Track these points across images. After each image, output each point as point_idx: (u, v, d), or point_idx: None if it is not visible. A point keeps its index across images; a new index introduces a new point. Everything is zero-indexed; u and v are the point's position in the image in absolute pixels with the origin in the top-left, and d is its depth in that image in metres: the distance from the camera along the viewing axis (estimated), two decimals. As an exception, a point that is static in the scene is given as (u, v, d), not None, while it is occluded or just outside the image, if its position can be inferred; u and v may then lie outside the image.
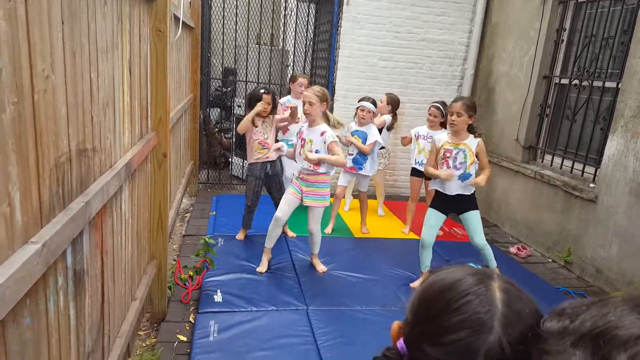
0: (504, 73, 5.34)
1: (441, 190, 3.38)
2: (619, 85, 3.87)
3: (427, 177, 4.49)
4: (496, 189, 5.38)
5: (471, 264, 0.76)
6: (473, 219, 3.38)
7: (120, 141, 1.95)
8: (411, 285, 3.62)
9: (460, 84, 5.93)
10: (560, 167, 4.55)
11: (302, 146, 3.45)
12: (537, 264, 4.37)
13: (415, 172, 4.56)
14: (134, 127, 2.19)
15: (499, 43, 5.45)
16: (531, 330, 0.62)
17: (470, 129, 3.34)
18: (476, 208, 3.40)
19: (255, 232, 4.29)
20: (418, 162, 4.45)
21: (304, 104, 3.43)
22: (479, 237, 3.39)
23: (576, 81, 4.47)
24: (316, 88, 3.42)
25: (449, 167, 3.30)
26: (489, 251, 3.46)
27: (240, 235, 4.21)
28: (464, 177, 3.30)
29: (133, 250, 2.32)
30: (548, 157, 4.79)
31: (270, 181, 4.11)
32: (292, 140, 4.16)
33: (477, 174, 3.35)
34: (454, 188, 3.32)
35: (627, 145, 3.70)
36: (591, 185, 4.09)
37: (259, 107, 3.83)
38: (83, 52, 1.44)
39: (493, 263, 3.52)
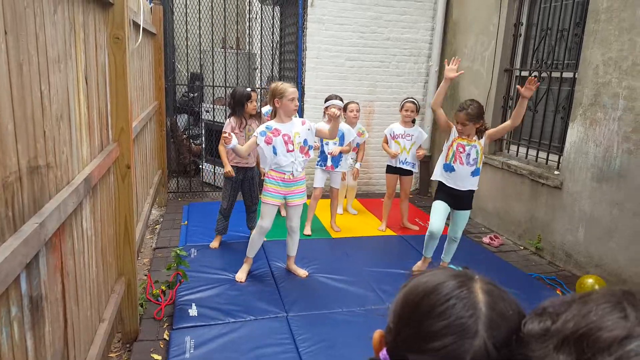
0: (466, 68, 5.42)
1: (453, 187, 3.45)
2: (576, 75, 3.99)
3: (403, 173, 4.53)
4: (466, 182, 5.46)
5: (451, 266, 0.74)
6: (466, 216, 3.57)
7: (78, 155, 1.86)
8: (413, 268, 3.75)
9: (425, 81, 6.01)
10: (526, 157, 4.65)
11: (287, 142, 3.29)
12: (509, 252, 4.45)
13: (390, 170, 4.60)
14: (93, 139, 2.10)
15: (460, 39, 5.54)
16: (516, 332, 0.60)
17: (479, 131, 3.39)
18: (471, 207, 3.60)
19: (228, 239, 4.21)
20: (402, 161, 4.47)
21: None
22: (460, 233, 3.62)
23: (535, 73, 4.58)
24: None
25: (462, 164, 3.39)
26: (455, 245, 3.68)
27: (214, 244, 4.12)
28: (476, 172, 3.43)
29: (98, 270, 2.22)
30: (513, 148, 4.90)
31: (244, 185, 4.06)
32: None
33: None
34: (467, 184, 3.44)
35: (587, 132, 3.81)
36: (556, 172, 4.19)
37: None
38: (31, 64, 1.36)
39: (448, 257, 3.73)
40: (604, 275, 3.64)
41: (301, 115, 5.41)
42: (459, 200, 3.49)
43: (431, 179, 3.71)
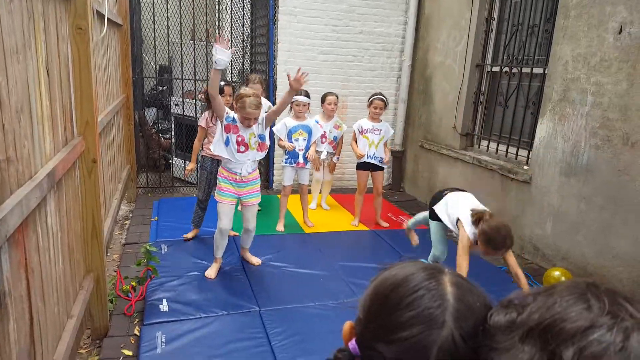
0: (439, 63, 5.49)
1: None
2: (546, 71, 4.08)
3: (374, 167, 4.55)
4: (437, 175, 5.54)
5: (422, 260, 0.74)
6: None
7: (40, 149, 1.79)
8: None
9: (398, 76, 6.04)
10: (496, 152, 4.74)
11: (240, 144, 3.27)
12: (480, 246, 4.53)
13: (361, 166, 4.61)
14: (57, 132, 2.03)
15: (433, 34, 5.59)
16: (483, 323, 0.61)
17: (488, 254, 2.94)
18: None
19: (201, 234, 4.15)
20: (370, 155, 4.49)
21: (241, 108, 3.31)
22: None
23: (506, 68, 4.66)
24: None
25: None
26: None
27: (189, 235, 4.08)
28: None
29: (65, 266, 2.15)
30: (484, 143, 4.98)
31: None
32: None
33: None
34: None
35: (556, 127, 3.90)
36: (525, 167, 4.29)
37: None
38: (-13, 54, 1.30)
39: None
40: (571, 268, 3.75)
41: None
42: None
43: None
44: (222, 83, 3.88)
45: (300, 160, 4.37)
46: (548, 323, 0.52)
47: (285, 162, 4.43)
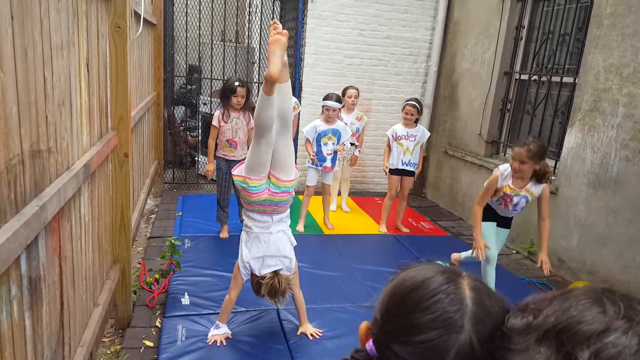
0: (466, 70, 5.45)
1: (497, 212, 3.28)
2: (576, 81, 4.01)
3: (404, 173, 4.52)
4: (460, 183, 5.49)
5: (439, 262, 0.75)
6: (506, 235, 3.39)
7: (78, 141, 1.87)
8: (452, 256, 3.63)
9: (424, 81, 6.02)
10: (522, 161, 4.67)
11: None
12: (501, 255, 4.45)
13: (394, 171, 4.52)
14: (93, 126, 2.11)
15: (460, 40, 5.56)
16: (500, 327, 0.62)
17: (538, 175, 3.03)
18: (510, 227, 3.40)
19: (219, 233, 4.22)
20: (405, 162, 4.45)
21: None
22: (497, 251, 3.33)
23: (535, 77, 4.60)
24: None
25: (507, 209, 3.18)
26: (491, 270, 3.26)
27: (222, 234, 4.17)
28: (519, 211, 3.24)
29: (94, 255, 2.23)
30: (510, 151, 4.92)
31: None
32: None
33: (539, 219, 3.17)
34: (509, 213, 3.26)
35: (585, 138, 3.84)
36: (552, 177, 4.22)
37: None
38: (36, 49, 1.37)
39: (491, 283, 3.27)
40: (596, 282, 3.67)
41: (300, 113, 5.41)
42: (504, 220, 3.35)
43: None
44: (237, 83, 3.88)
45: (328, 164, 4.39)
46: (564, 326, 0.53)
47: (311, 164, 4.45)
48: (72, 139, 1.78)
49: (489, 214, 3.29)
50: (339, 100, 4.34)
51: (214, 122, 3.99)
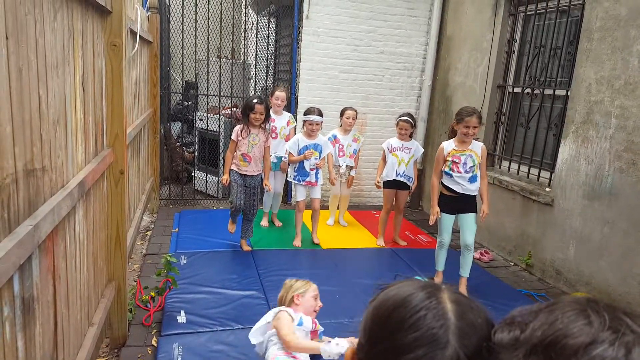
0: (460, 83, 5.50)
1: (454, 189, 3.60)
2: (568, 93, 4.06)
3: (400, 187, 4.54)
4: (458, 196, 5.50)
5: (417, 277, 0.74)
6: (472, 219, 3.64)
7: (73, 159, 1.87)
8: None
9: (419, 95, 6.07)
10: (517, 173, 4.70)
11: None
12: (499, 268, 4.47)
13: (388, 184, 4.54)
14: (88, 144, 2.11)
15: (454, 54, 5.62)
16: (486, 340, 0.61)
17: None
18: (476, 211, 3.66)
19: (218, 248, 4.20)
20: (399, 173, 4.48)
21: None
22: (472, 237, 3.66)
23: (528, 90, 4.65)
24: None
25: (459, 173, 3.56)
26: (470, 256, 3.69)
27: (245, 247, 4.24)
28: (473, 178, 3.58)
29: (89, 273, 2.21)
30: (505, 164, 4.95)
31: (246, 192, 4.12)
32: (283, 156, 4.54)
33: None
34: (466, 188, 3.58)
35: (579, 150, 3.86)
36: (547, 189, 4.24)
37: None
38: (31, 69, 1.38)
39: (466, 271, 3.69)
40: (594, 293, 3.67)
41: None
42: (461, 203, 3.60)
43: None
44: (255, 101, 3.98)
45: (313, 179, 4.41)
46: (551, 340, 0.53)
47: (294, 179, 4.46)
48: (67, 157, 1.78)
49: (449, 203, 3.63)
50: (320, 114, 4.38)
51: (233, 137, 4.10)
